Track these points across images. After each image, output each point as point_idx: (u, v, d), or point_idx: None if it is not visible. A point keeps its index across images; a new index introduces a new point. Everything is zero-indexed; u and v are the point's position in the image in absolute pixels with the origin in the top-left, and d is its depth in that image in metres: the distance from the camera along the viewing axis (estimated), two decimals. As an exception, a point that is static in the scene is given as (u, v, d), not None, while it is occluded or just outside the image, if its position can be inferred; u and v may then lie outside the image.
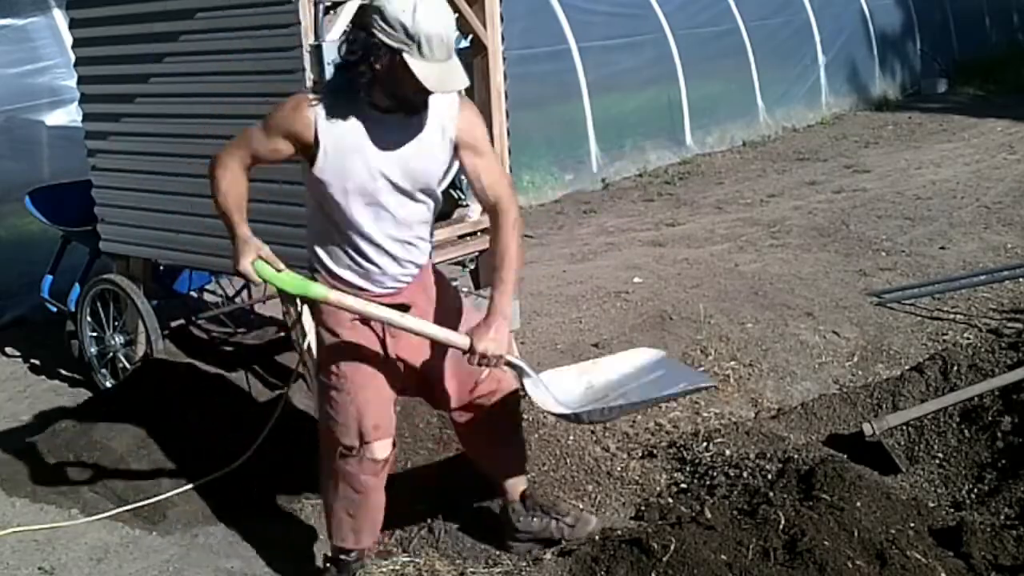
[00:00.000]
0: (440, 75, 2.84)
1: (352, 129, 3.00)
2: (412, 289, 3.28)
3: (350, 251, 3.17)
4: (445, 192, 4.59)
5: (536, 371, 3.27)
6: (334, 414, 3.30)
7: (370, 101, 2.97)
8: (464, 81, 2.94)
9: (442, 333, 3.17)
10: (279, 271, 3.09)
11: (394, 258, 3.19)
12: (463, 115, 3.10)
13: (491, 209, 3.19)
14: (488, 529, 3.87)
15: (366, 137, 3.01)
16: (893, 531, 3.30)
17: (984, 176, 8.81)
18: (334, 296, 3.10)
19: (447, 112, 3.08)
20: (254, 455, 4.20)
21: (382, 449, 3.32)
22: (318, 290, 3.11)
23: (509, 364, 3.21)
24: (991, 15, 15.69)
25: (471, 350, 3.11)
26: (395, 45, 2.81)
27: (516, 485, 3.69)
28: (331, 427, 3.33)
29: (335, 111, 2.99)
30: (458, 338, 3.17)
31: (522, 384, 3.27)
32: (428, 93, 2.91)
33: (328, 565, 3.56)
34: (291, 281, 3.10)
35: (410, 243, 3.21)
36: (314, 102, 3.02)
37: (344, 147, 3.01)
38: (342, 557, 3.49)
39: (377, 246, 3.15)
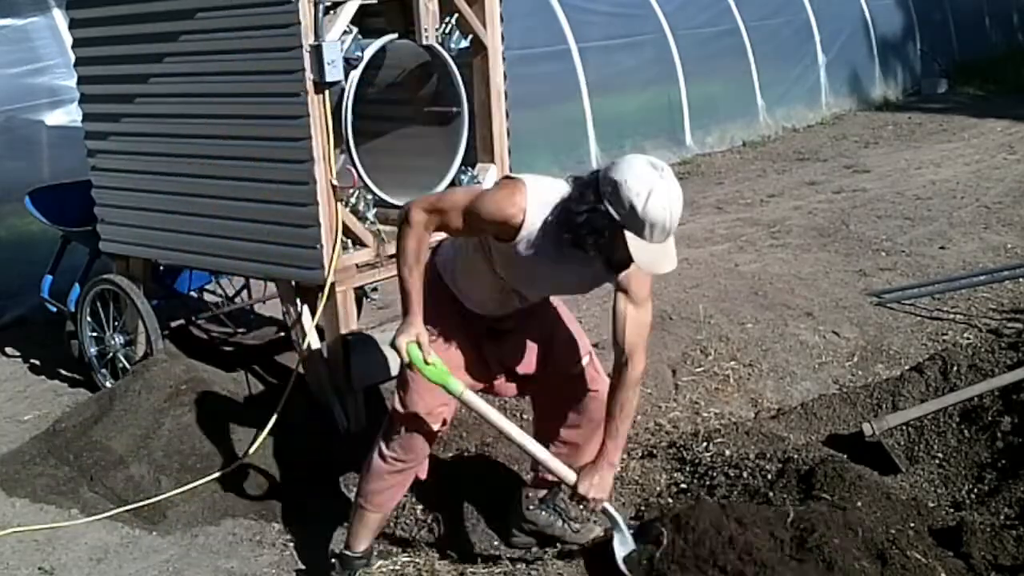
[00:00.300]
0: (654, 257, 2.92)
1: (546, 243, 3.05)
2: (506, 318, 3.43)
3: (486, 293, 3.32)
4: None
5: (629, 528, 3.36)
6: (400, 393, 3.39)
7: (584, 252, 3.00)
8: (673, 264, 2.98)
9: (552, 463, 3.33)
10: (427, 362, 3.22)
11: (518, 309, 3.37)
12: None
13: (620, 354, 3.25)
14: (488, 529, 3.87)
15: (553, 256, 3.07)
16: (893, 531, 3.30)
17: (984, 176, 8.81)
18: (467, 396, 3.27)
19: None
20: (254, 455, 4.21)
21: (426, 429, 3.40)
22: (455, 386, 3.25)
23: (605, 512, 3.35)
24: (991, 15, 15.68)
25: (574, 488, 3.28)
26: (619, 221, 2.88)
27: (546, 482, 3.74)
28: (393, 407, 3.43)
29: (540, 223, 3.03)
30: (566, 473, 3.31)
31: (611, 537, 3.35)
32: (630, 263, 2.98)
33: (334, 562, 3.61)
34: (435, 372, 3.24)
35: (537, 302, 3.40)
36: (527, 203, 3.03)
37: (533, 251, 3.07)
38: (346, 553, 3.55)
39: (512, 302, 3.32)
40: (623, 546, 3.32)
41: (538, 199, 3.03)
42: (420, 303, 3.22)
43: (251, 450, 4.22)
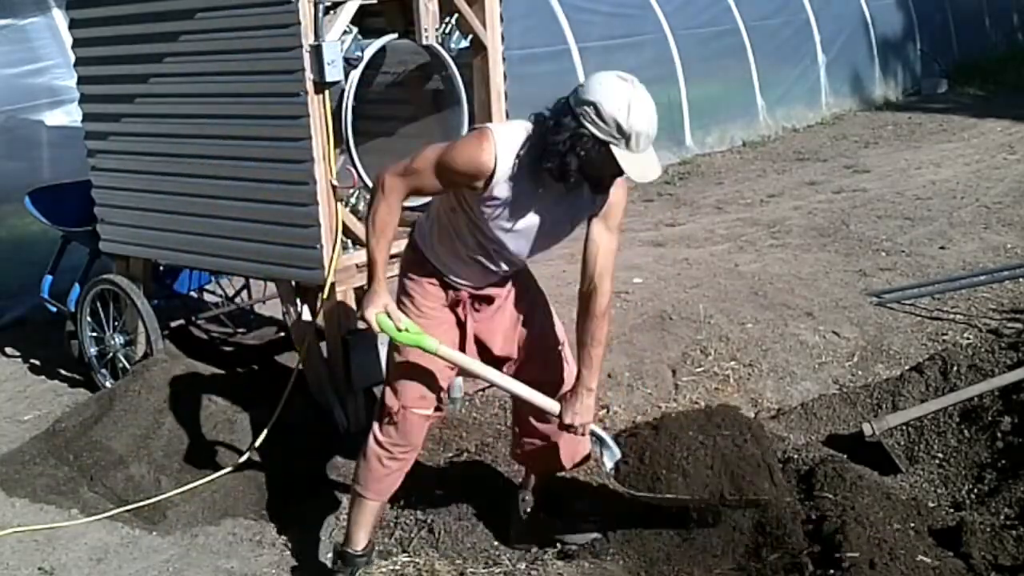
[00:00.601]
0: (642, 167, 3.06)
1: (521, 183, 3.11)
2: (490, 290, 3.45)
3: (468, 256, 3.31)
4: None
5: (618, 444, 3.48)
6: (391, 379, 3.44)
7: (568, 179, 3.06)
8: (658, 170, 3.13)
9: (536, 397, 3.38)
10: (399, 329, 3.25)
11: (502, 271, 3.38)
12: (617, 192, 3.24)
13: (590, 281, 3.29)
14: (488, 529, 3.87)
15: (532, 196, 3.14)
16: (893, 531, 3.30)
17: (984, 176, 8.81)
18: (443, 350, 3.29)
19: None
20: (254, 455, 4.21)
21: (419, 414, 3.42)
22: (430, 343, 3.27)
23: (593, 433, 3.44)
24: (991, 15, 15.69)
25: (560, 419, 3.36)
26: (604, 138, 2.99)
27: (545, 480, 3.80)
28: (384, 394, 3.45)
29: (513, 163, 3.08)
30: (551, 406, 3.38)
31: (601, 454, 3.46)
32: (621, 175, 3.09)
33: (337, 562, 3.62)
34: (408, 336, 3.26)
35: (519, 263, 3.42)
36: (495, 147, 3.08)
37: (511, 195, 3.13)
38: (347, 551, 3.56)
39: (495, 262, 3.32)
40: (611, 459, 3.44)
41: (506, 141, 3.08)
42: (385, 268, 3.26)
43: (251, 450, 4.22)
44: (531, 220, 3.20)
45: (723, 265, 6.56)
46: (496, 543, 3.80)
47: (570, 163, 3.00)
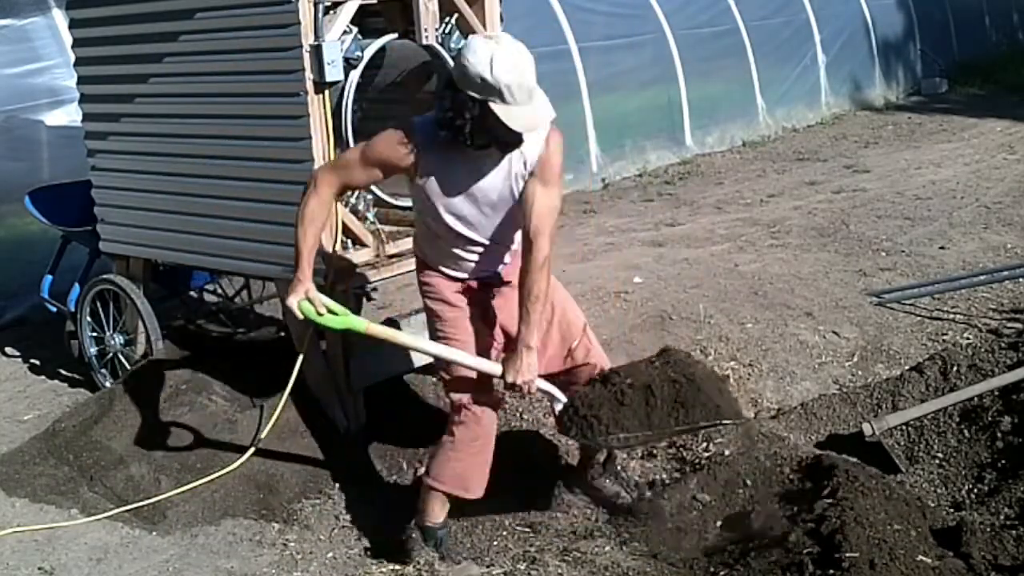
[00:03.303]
0: (525, 117, 3.15)
1: (449, 160, 3.28)
2: (496, 277, 3.58)
3: (446, 248, 3.49)
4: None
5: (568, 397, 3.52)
6: (447, 377, 3.58)
7: (468, 142, 3.21)
8: (548, 117, 3.22)
9: (475, 362, 3.44)
10: (320, 313, 3.33)
11: (483, 255, 3.50)
12: (549, 147, 3.33)
13: (527, 239, 3.36)
14: (488, 529, 3.87)
15: (461, 169, 3.30)
16: (893, 531, 3.30)
17: (984, 176, 8.80)
18: (373, 329, 3.39)
19: (536, 142, 3.32)
20: (254, 455, 4.21)
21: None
22: (358, 324, 3.37)
23: (541, 390, 3.48)
24: (991, 15, 15.68)
25: (503, 380, 3.41)
26: (480, 97, 3.11)
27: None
28: (448, 391, 3.61)
29: (434, 145, 3.26)
30: (491, 367, 3.44)
31: (553, 411, 3.54)
32: (518, 134, 3.19)
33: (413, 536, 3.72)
34: (332, 320, 3.34)
35: (497, 244, 3.49)
36: (414, 134, 3.27)
37: (441, 174, 3.32)
38: (427, 524, 3.68)
39: (468, 247, 3.45)
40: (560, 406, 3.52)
41: (423, 125, 3.29)
42: (310, 262, 3.37)
43: (251, 450, 4.22)
44: (470, 195, 3.33)
45: (723, 265, 6.56)
46: (495, 543, 3.80)
47: (463, 127, 3.14)
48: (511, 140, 3.22)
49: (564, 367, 3.68)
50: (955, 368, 4.55)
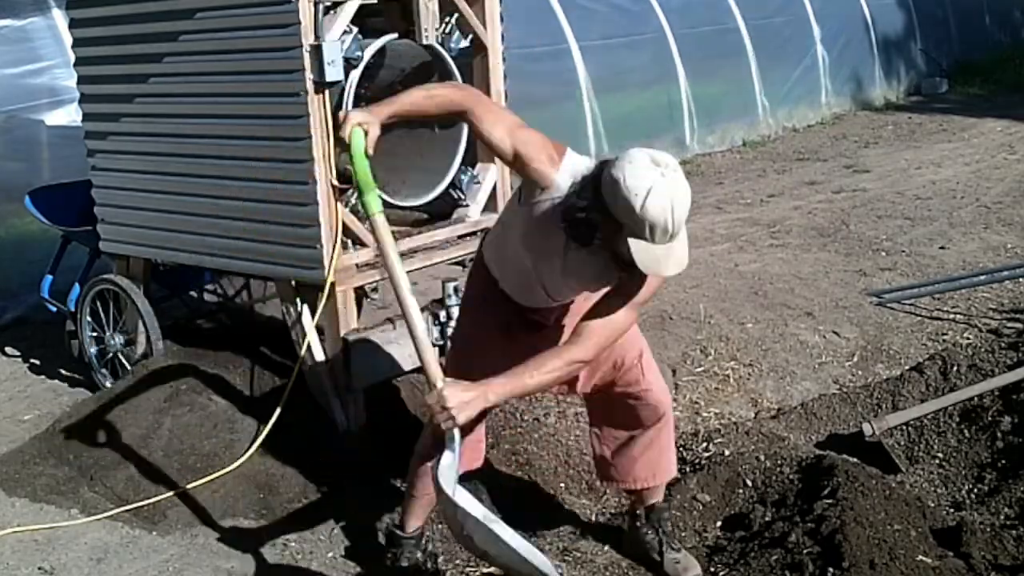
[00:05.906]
0: (656, 259, 2.75)
1: (553, 235, 2.92)
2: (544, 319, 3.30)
3: (510, 268, 3.20)
4: (445, 192, 4.61)
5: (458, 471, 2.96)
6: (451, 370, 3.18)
7: (568, 233, 2.86)
8: (679, 267, 2.81)
9: (424, 348, 2.92)
10: (367, 154, 2.91)
11: (545, 302, 3.24)
12: (654, 280, 2.98)
13: (577, 330, 3.03)
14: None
15: (561, 254, 2.97)
16: (893, 531, 3.30)
17: (984, 176, 8.80)
18: (378, 220, 2.95)
19: None
20: (254, 455, 4.21)
21: None
22: (373, 204, 2.94)
23: (450, 437, 2.92)
24: (992, 14, 15.66)
25: (430, 390, 2.91)
26: (617, 219, 2.74)
27: (646, 495, 3.61)
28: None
29: (567, 191, 2.88)
30: (434, 371, 2.90)
31: (437, 460, 2.94)
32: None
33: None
34: (363, 171, 2.91)
35: (556, 303, 3.25)
36: (559, 165, 2.93)
37: (548, 222, 2.93)
38: (397, 532, 3.57)
39: (530, 283, 3.17)
40: (448, 471, 2.89)
41: (572, 164, 2.92)
42: (396, 111, 2.99)
43: (251, 450, 4.22)
44: (562, 259, 2.99)
45: (723, 265, 6.56)
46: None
47: (585, 234, 2.79)
48: (630, 265, 2.79)
49: (607, 380, 3.40)
50: (955, 368, 4.56)
